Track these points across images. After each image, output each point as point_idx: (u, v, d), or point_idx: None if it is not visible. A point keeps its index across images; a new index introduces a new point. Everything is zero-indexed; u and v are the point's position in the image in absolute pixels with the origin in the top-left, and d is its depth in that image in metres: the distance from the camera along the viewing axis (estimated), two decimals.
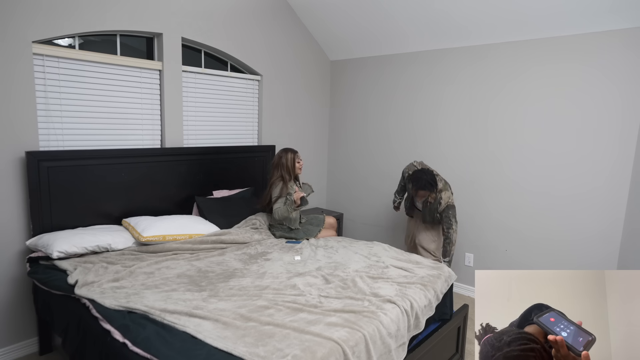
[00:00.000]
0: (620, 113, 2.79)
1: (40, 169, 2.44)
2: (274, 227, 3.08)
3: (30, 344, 2.61)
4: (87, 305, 1.87)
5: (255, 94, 3.83)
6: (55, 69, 2.57)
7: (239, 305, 1.85)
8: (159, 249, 2.53)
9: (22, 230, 2.50)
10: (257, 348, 1.50)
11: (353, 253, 2.65)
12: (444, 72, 3.62)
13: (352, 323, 1.72)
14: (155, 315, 1.73)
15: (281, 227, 3.06)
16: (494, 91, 3.34)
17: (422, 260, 2.57)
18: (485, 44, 3.35)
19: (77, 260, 2.29)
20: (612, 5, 2.60)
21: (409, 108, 3.89)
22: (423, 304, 2.07)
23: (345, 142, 4.48)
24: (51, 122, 2.59)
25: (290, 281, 2.16)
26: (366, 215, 4.36)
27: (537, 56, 3.09)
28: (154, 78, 3.06)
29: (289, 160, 3.03)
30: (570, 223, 3.05)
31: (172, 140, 3.17)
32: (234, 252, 2.65)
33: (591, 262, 2.98)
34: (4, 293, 2.48)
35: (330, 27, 3.99)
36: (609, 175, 2.86)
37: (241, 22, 3.53)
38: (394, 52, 3.93)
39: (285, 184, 2.99)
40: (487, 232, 3.49)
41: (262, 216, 3.19)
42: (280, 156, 3.04)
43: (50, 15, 2.46)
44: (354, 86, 4.31)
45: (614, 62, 2.79)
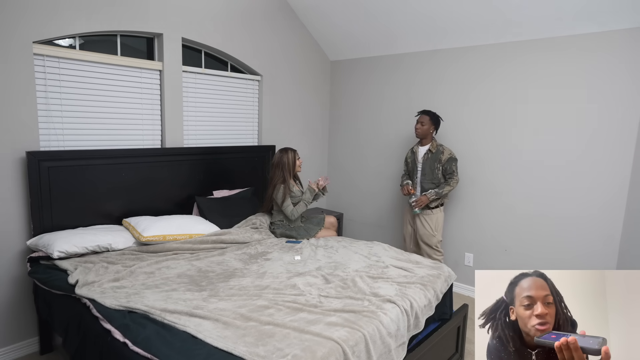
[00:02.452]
0: (620, 113, 2.79)
1: (41, 169, 2.44)
2: (275, 225, 3.10)
3: (30, 344, 2.61)
4: (87, 305, 1.87)
5: (255, 94, 3.83)
6: (56, 69, 2.58)
7: (239, 305, 1.85)
8: (159, 249, 2.53)
9: (23, 230, 2.51)
10: (257, 348, 1.51)
11: (353, 253, 2.65)
12: (444, 72, 3.62)
13: (352, 323, 1.72)
14: (156, 315, 1.74)
15: (282, 225, 3.07)
16: (502, 91, 3.34)
17: (422, 260, 2.58)
18: (489, 44, 3.35)
19: (77, 260, 2.29)
20: (613, 5, 2.60)
21: (409, 108, 3.89)
22: (423, 304, 2.08)
23: (345, 142, 4.48)
24: (52, 122, 2.59)
25: (290, 281, 2.16)
26: (366, 215, 4.36)
27: (536, 57, 3.09)
28: (154, 78, 3.06)
29: (290, 159, 3.06)
30: (570, 223, 3.05)
31: (173, 140, 3.17)
32: (234, 252, 2.65)
33: (591, 262, 2.98)
34: (5, 293, 2.48)
35: (330, 28, 3.99)
36: (608, 175, 2.86)
37: (241, 22, 3.53)
38: (395, 52, 3.93)
39: (286, 184, 3.01)
40: (487, 232, 3.49)
41: (262, 216, 3.20)
42: (281, 156, 3.06)
43: (51, 16, 2.46)
44: (354, 86, 4.31)
45: (614, 62, 2.78)
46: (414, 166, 3.36)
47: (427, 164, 3.25)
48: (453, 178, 3.21)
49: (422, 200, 3.20)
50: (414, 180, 3.34)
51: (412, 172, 3.37)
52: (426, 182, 3.27)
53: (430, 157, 3.24)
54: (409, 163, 3.44)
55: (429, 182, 3.26)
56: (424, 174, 3.27)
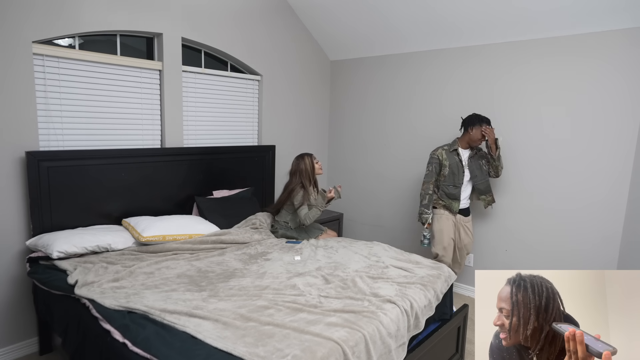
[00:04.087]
0: (619, 113, 2.79)
1: (40, 169, 2.44)
2: (279, 224, 3.11)
3: (30, 344, 2.61)
4: (87, 305, 1.87)
5: (255, 94, 3.83)
6: (56, 69, 2.57)
7: (239, 305, 1.85)
8: (159, 249, 2.53)
9: (22, 230, 2.50)
10: (257, 348, 1.50)
11: (353, 253, 2.65)
12: (444, 72, 3.62)
13: (352, 323, 1.72)
14: (155, 315, 1.73)
15: (285, 226, 3.07)
16: (493, 91, 3.34)
17: (422, 260, 2.57)
18: (486, 43, 3.35)
19: (77, 260, 2.29)
20: (613, 5, 2.60)
21: (408, 108, 3.89)
22: (423, 304, 2.07)
23: (345, 141, 4.48)
24: (51, 122, 2.59)
25: (290, 281, 2.16)
26: (366, 215, 4.36)
27: (537, 56, 3.09)
28: (154, 78, 3.06)
29: (308, 164, 3.03)
30: (570, 223, 3.05)
31: (172, 140, 3.17)
32: (234, 252, 2.65)
33: (591, 262, 2.98)
34: (4, 293, 2.48)
35: (330, 27, 3.99)
36: (608, 174, 2.86)
37: (241, 22, 3.53)
38: (394, 52, 3.93)
39: (306, 190, 2.99)
40: (487, 232, 3.49)
41: (262, 216, 3.20)
42: (298, 163, 3.05)
43: (50, 15, 2.46)
44: (354, 86, 4.31)
45: (614, 62, 2.78)
46: (458, 171, 3.06)
47: (474, 165, 3.08)
48: (498, 163, 3.04)
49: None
50: (458, 186, 3.07)
51: (455, 178, 3.06)
52: (480, 183, 3.10)
53: (475, 157, 3.09)
54: (446, 168, 3.06)
55: (483, 182, 3.11)
56: (475, 176, 3.09)
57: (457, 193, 3.09)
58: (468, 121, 3.06)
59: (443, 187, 3.11)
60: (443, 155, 3.08)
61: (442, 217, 3.13)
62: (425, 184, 3.13)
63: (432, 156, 3.12)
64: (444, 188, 3.11)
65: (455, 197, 3.09)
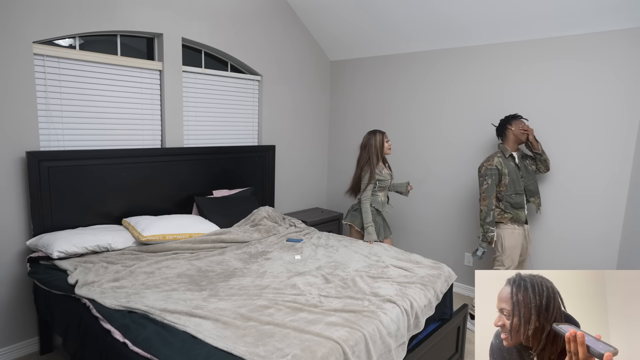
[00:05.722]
0: (619, 114, 2.79)
1: (41, 169, 2.44)
2: (355, 210, 3.14)
3: (30, 344, 2.61)
4: (87, 305, 1.87)
5: (255, 94, 3.83)
6: (56, 69, 2.58)
7: (239, 305, 1.85)
8: (159, 249, 2.53)
9: (23, 230, 2.51)
10: (257, 348, 1.51)
11: (353, 252, 2.65)
12: (444, 73, 3.62)
13: (352, 323, 1.72)
14: (156, 315, 1.74)
15: (373, 212, 3.07)
16: (494, 92, 3.34)
17: (422, 260, 2.58)
18: (486, 44, 3.35)
19: (77, 260, 2.29)
20: (614, 5, 2.60)
21: (408, 108, 3.89)
22: (423, 304, 2.08)
23: (345, 142, 4.48)
24: (52, 122, 2.59)
25: (290, 280, 2.16)
26: None
27: (539, 56, 3.09)
28: (154, 78, 3.06)
29: (378, 141, 3.02)
30: (570, 223, 3.05)
31: (172, 140, 3.17)
32: (234, 251, 2.65)
33: (591, 262, 2.98)
34: (5, 293, 2.48)
35: (330, 28, 3.99)
36: (608, 174, 2.86)
37: (241, 22, 3.53)
38: (394, 52, 3.93)
39: (372, 168, 2.99)
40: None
41: (264, 210, 3.19)
42: (369, 137, 3.05)
43: (51, 16, 2.46)
44: (354, 86, 4.31)
45: (614, 62, 2.78)
46: (517, 177, 2.88)
47: (523, 167, 2.94)
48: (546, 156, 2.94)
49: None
50: (520, 192, 2.88)
51: (516, 184, 2.87)
52: (532, 184, 2.97)
53: (521, 158, 2.98)
54: (506, 177, 2.84)
55: (533, 183, 2.97)
56: (529, 178, 2.96)
57: (522, 200, 2.89)
58: (505, 121, 2.94)
59: (506, 198, 2.86)
60: (501, 164, 2.85)
61: (514, 233, 2.88)
62: (486, 199, 2.85)
63: (488, 168, 2.85)
64: (507, 198, 2.86)
65: (521, 205, 2.89)
